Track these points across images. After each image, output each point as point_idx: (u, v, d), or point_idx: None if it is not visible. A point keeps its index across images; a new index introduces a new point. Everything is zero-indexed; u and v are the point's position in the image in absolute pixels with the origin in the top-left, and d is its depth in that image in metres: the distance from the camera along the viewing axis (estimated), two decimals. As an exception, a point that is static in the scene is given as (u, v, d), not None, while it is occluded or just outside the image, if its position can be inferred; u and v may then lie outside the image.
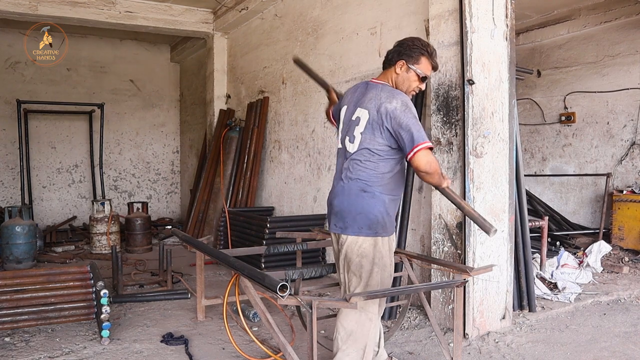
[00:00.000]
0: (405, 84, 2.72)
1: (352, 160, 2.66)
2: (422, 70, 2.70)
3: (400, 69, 2.70)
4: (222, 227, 6.73)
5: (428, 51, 2.70)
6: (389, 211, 2.66)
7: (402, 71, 2.70)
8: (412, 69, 2.68)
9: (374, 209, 2.61)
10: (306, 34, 6.16)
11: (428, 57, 2.70)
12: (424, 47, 2.70)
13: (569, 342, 3.62)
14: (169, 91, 10.85)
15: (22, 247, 6.17)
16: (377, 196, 2.62)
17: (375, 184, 2.63)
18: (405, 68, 2.69)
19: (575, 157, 7.66)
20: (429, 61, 2.71)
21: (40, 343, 3.67)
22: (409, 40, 2.74)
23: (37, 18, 7.21)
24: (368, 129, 2.61)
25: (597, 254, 5.66)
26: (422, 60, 2.69)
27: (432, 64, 2.74)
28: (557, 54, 7.86)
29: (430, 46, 2.75)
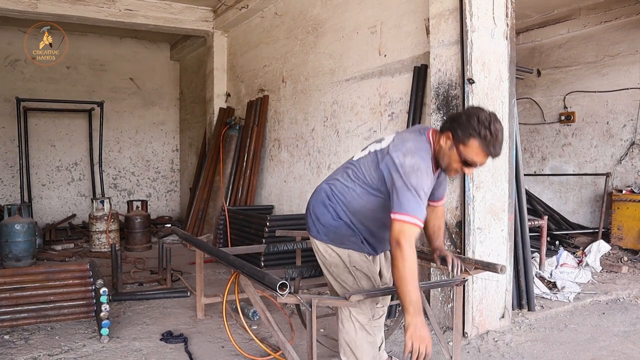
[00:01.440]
0: (445, 160, 2.35)
1: (348, 166, 2.57)
2: (467, 154, 2.26)
3: (445, 142, 2.32)
4: (222, 226, 6.73)
5: (482, 135, 2.21)
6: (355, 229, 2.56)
7: (446, 145, 2.31)
8: (457, 150, 2.28)
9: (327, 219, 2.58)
10: (306, 33, 6.16)
11: (481, 143, 2.22)
12: (478, 127, 2.21)
13: (568, 341, 3.63)
14: (168, 89, 10.84)
15: (21, 245, 6.17)
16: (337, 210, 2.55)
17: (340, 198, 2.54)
18: (450, 144, 2.30)
19: (575, 156, 7.66)
20: (482, 148, 2.23)
21: (40, 341, 3.67)
22: (466, 114, 2.29)
23: (37, 16, 7.19)
24: (375, 155, 2.44)
25: (596, 253, 5.67)
26: (471, 144, 2.23)
27: (486, 153, 2.25)
28: (557, 54, 7.86)
29: (490, 130, 2.21)
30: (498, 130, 2.24)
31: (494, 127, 2.22)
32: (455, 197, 3.77)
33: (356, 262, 2.58)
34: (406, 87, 4.53)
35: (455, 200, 3.77)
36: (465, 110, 2.36)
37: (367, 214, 2.51)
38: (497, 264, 2.73)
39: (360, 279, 2.59)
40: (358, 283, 2.59)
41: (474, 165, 2.31)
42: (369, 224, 2.55)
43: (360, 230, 2.57)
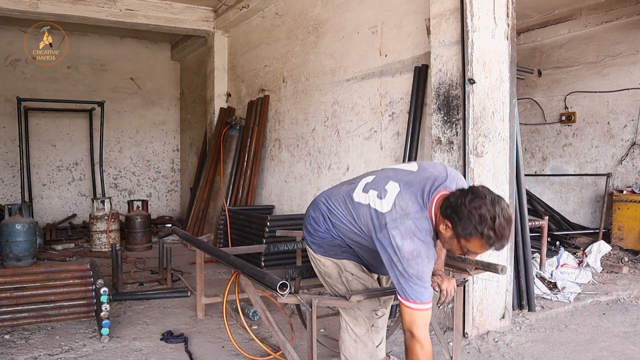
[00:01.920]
0: (446, 246, 2.21)
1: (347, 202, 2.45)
2: (469, 247, 2.11)
3: (445, 230, 2.13)
4: (222, 226, 6.73)
5: (485, 235, 2.01)
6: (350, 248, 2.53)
7: (447, 233, 2.13)
8: (457, 240, 2.12)
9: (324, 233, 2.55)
10: (307, 33, 6.16)
11: (485, 242, 2.03)
12: (481, 228, 2.00)
13: (569, 342, 3.63)
14: (169, 89, 10.84)
15: (22, 244, 6.17)
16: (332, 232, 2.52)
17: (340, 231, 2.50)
18: (450, 233, 2.11)
19: (576, 157, 7.65)
20: (485, 246, 2.06)
21: (40, 341, 3.67)
22: (472, 206, 2.03)
23: (38, 16, 7.19)
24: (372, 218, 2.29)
25: (597, 253, 5.66)
26: (473, 241, 2.06)
27: (489, 248, 2.08)
28: (557, 54, 7.85)
29: (494, 231, 2.00)
30: (504, 227, 2.02)
31: (498, 224, 2.00)
32: (456, 198, 3.76)
33: (350, 269, 2.55)
34: (407, 87, 4.52)
35: (456, 201, 3.76)
36: (472, 198, 2.05)
37: (363, 248, 2.47)
38: (497, 265, 2.73)
39: (351, 282, 2.55)
40: (348, 289, 2.55)
41: (476, 255, 2.18)
42: (365, 254, 2.52)
43: (357, 252, 2.55)
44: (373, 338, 2.64)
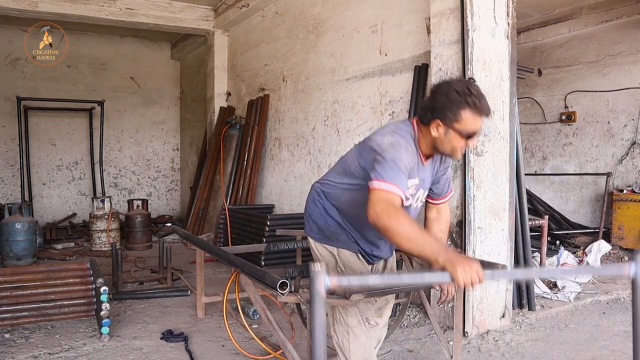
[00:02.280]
0: (447, 146, 2.18)
1: (337, 162, 2.53)
2: (464, 128, 2.10)
3: (438, 131, 2.15)
4: (222, 225, 6.72)
5: (469, 102, 2.06)
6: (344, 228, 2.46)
7: (441, 133, 2.14)
8: (452, 130, 2.12)
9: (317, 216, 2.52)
10: (307, 32, 6.16)
11: (472, 109, 2.07)
12: (462, 98, 2.06)
13: (569, 341, 3.63)
14: (169, 88, 10.84)
15: (22, 244, 6.17)
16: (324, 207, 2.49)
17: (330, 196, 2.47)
18: (443, 129, 2.13)
19: (576, 156, 7.65)
20: (476, 114, 2.08)
21: (40, 340, 3.67)
22: (442, 92, 2.12)
23: (38, 15, 7.19)
24: (359, 146, 2.37)
25: (597, 253, 5.67)
26: (463, 116, 2.07)
27: (480, 115, 2.10)
28: (558, 53, 7.85)
29: (472, 93, 2.08)
30: (478, 90, 2.11)
31: (474, 90, 2.09)
32: (456, 197, 3.76)
33: (346, 260, 2.49)
34: (407, 86, 4.52)
35: (456, 200, 3.77)
36: (433, 94, 2.17)
37: (355, 211, 2.36)
38: (497, 264, 2.73)
39: (345, 273, 2.49)
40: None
41: (475, 135, 2.17)
42: (358, 222, 2.44)
43: (350, 229, 2.47)
44: (366, 331, 2.55)
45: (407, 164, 2.15)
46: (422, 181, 2.34)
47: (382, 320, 2.69)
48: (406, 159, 2.15)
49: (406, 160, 2.14)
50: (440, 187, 2.51)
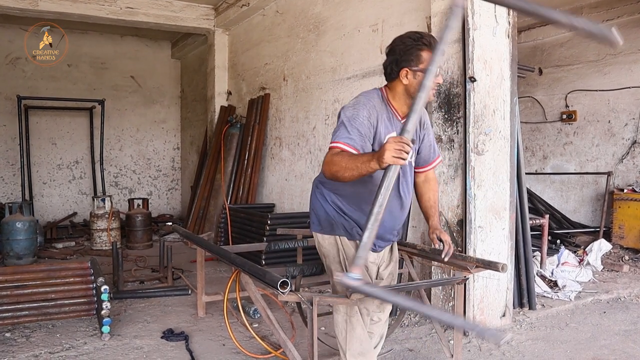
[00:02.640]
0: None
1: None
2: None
3: (407, 77, 2.36)
4: (223, 224, 6.73)
5: (424, 42, 2.31)
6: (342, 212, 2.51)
7: (410, 78, 2.36)
8: (419, 71, 2.33)
9: (318, 206, 2.58)
10: (307, 31, 6.15)
11: (428, 48, 2.30)
12: (418, 41, 2.32)
13: (569, 340, 3.63)
14: (169, 88, 10.83)
15: (22, 243, 6.17)
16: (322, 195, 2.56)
17: (326, 182, 2.53)
18: (411, 75, 2.35)
19: (576, 155, 7.65)
20: (432, 51, 2.24)
21: (41, 339, 3.67)
22: (399, 44, 2.37)
23: (38, 14, 7.19)
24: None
25: (598, 252, 5.67)
26: (423, 56, 2.31)
27: (435, 52, 2.23)
28: (558, 52, 7.84)
29: (424, 36, 2.34)
30: (428, 33, 2.39)
31: (424, 34, 2.36)
32: (457, 196, 3.77)
33: (347, 249, 2.51)
34: (407, 85, 4.51)
35: (457, 199, 3.77)
36: (391, 48, 2.42)
37: (350, 188, 2.44)
38: (498, 263, 2.73)
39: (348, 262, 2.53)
40: (344, 268, 2.52)
41: (439, 72, 2.36)
42: (355, 200, 2.47)
43: (349, 211, 2.50)
44: (364, 324, 2.55)
45: (366, 116, 2.32)
46: (371, 120, 2.39)
47: (384, 315, 2.71)
48: (365, 112, 2.32)
49: (365, 113, 2.32)
50: (423, 156, 2.61)
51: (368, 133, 2.31)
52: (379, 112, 2.38)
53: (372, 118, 2.33)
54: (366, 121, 2.31)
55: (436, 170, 3.88)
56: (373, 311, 2.63)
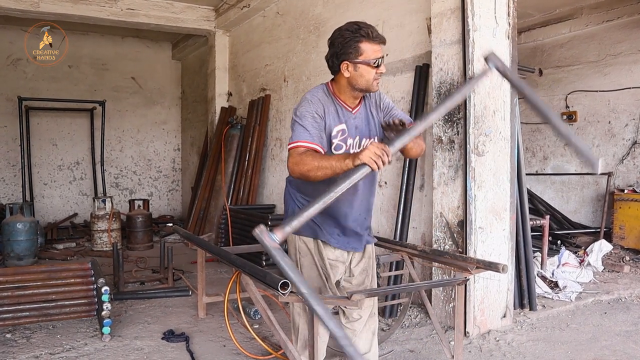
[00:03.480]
0: (362, 80, 2.37)
1: None
2: (369, 58, 2.32)
3: (349, 71, 2.36)
4: (223, 225, 6.73)
5: (362, 34, 2.30)
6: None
7: (352, 71, 2.36)
8: (359, 63, 2.33)
9: (288, 205, 2.64)
10: (308, 32, 6.16)
11: (367, 39, 2.30)
12: (356, 33, 2.30)
13: (570, 341, 3.63)
14: (170, 89, 10.84)
15: (23, 244, 6.17)
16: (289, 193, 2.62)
17: (292, 181, 2.60)
18: (352, 67, 2.34)
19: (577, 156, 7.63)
20: (371, 41, 2.31)
21: (41, 340, 3.68)
22: (338, 37, 2.35)
23: (39, 15, 7.20)
24: None
25: (598, 253, 5.66)
26: (362, 48, 2.31)
27: (376, 42, 2.33)
28: (559, 53, 7.84)
29: (362, 27, 2.31)
30: (367, 24, 2.35)
31: (362, 24, 2.33)
32: (457, 197, 3.77)
33: (301, 249, 2.56)
34: (408, 86, 4.52)
35: (457, 200, 3.77)
36: (331, 42, 2.39)
37: (309, 188, 2.46)
38: (498, 264, 2.73)
39: (303, 267, 2.57)
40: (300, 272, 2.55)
41: (381, 63, 2.35)
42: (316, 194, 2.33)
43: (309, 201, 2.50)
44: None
45: (313, 110, 2.37)
46: (355, 128, 2.45)
47: (363, 312, 2.71)
48: (312, 108, 2.37)
49: (312, 108, 2.37)
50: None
51: (320, 127, 2.37)
52: (325, 106, 2.41)
53: (319, 112, 2.38)
54: (316, 115, 2.37)
55: (436, 171, 3.93)
56: (350, 309, 2.67)
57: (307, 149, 2.30)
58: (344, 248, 2.59)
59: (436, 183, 3.95)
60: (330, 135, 2.40)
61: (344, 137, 2.42)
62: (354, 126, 2.46)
